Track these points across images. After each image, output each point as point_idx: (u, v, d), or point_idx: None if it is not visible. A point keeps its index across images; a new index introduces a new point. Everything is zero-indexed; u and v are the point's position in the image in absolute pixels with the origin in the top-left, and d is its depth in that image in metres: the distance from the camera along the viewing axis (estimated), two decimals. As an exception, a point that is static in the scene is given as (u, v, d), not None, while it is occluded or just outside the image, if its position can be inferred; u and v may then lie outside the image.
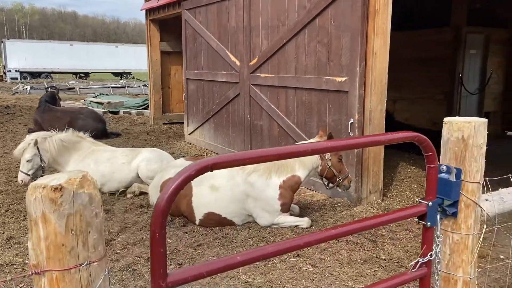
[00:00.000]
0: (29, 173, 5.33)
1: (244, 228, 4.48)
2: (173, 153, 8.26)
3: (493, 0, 9.55)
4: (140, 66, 37.93)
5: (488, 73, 9.56)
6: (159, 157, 5.70)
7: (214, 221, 4.48)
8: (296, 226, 4.50)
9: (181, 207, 4.59)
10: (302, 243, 1.47)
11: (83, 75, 39.40)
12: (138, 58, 38.03)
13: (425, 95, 9.69)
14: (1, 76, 36.64)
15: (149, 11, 10.70)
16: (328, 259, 3.81)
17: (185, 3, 8.67)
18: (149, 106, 11.81)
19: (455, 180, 1.71)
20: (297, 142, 5.87)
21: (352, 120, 5.05)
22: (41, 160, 5.38)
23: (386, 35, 4.88)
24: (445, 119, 1.78)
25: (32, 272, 1.12)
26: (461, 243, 1.77)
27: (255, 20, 6.60)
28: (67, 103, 17.88)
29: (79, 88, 26.66)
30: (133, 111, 14.00)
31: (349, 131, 5.09)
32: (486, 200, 1.87)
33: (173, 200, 1.12)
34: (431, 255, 1.73)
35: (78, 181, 1.12)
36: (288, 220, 4.50)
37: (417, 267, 1.71)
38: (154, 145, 9.05)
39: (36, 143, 5.34)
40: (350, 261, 3.77)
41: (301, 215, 4.87)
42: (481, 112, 9.74)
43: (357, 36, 4.85)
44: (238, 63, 7.12)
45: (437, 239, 1.76)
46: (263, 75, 6.53)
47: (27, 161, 5.31)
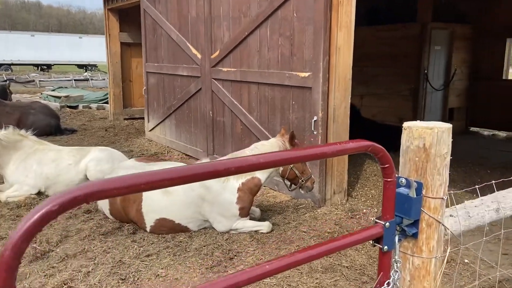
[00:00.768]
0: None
1: (199, 235, 4.17)
2: (131, 151, 7.82)
3: (458, -4, 9.59)
4: (106, 58, 36.54)
5: (453, 69, 9.59)
6: (110, 156, 5.28)
7: (167, 227, 4.14)
8: (256, 231, 4.22)
9: (130, 213, 4.22)
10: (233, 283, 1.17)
11: (45, 67, 37.64)
12: (104, 50, 36.64)
13: (391, 90, 9.63)
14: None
15: (107, 0, 10.11)
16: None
17: (144, -9, 8.19)
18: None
19: (415, 196, 1.46)
20: (260, 141, 5.59)
21: (315, 118, 4.81)
22: (-23, 162, 4.86)
23: (350, 29, 4.65)
24: (405, 124, 1.52)
25: None
26: (422, 268, 1.53)
27: (216, 10, 6.24)
28: (23, 97, 16.92)
29: (40, 80, 25.41)
30: (94, 105, 13.33)
31: (313, 129, 4.85)
32: (450, 216, 1.64)
33: (24, 248, 0.79)
34: (388, 283, 1.47)
35: None
36: (248, 225, 4.22)
37: (372, 298, 1.46)
38: (112, 142, 8.57)
39: (-31, 142, 4.81)
40: (310, 269, 3.53)
41: (262, 218, 4.60)
42: (445, 108, 9.79)
43: (320, 29, 4.59)
44: (199, 56, 6.75)
45: (395, 264, 1.51)
46: (225, 69, 6.19)
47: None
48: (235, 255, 3.74)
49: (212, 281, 1.13)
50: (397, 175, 1.54)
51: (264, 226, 4.23)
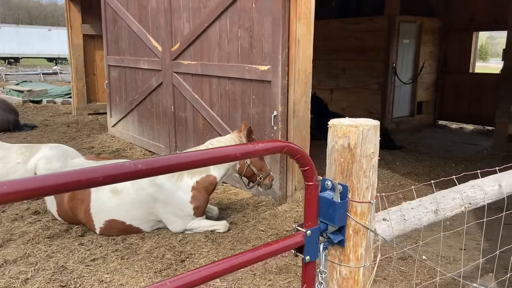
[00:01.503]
0: None
1: (152, 236, 3.97)
2: (92, 147, 7.51)
3: (425, -10, 9.61)
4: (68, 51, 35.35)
5: (421, 62, 9.63)
6: (62, 154, 5.00)
7: (117, 229, 3.93)
8: (212, 231, 4.06)
9: (78, 215, 3.98)
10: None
11: (12, 60, 36.20)
12: (74, 43, 35.42)
13: (360, 84, 9.60)
14: None
15: (68, -10, 9.66)
16: (241, 269, 3.41)
17: (104, -19, 7.83)
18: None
19: (339, 200, 1.32)
20: (221, 135, 5.41)
21: (275, 113, 4.66)
22: None
23: (309, 21, 4.51)
24: (330, 121, 1.38)
25: None
26: (350, 278, 1.40)
27: (175, 1, 5.99)
28: (-16, 91, 16.15)
29: (6, 74, 24.38)
30: (58, 100, 12.82)
31: (273, 124, 4.70)
32: (383, 220, 1.51)
33: None
34: (312, 297, 1.33)
35: None
36: (203, 224, 4.05)
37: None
38: (73, 138, 8.22)
39: None
40: (265, 270, 3.40)
41: (220, 217, 4.44)
42: (414, 102, 9.83)
43: (279, 20, 4.43)
44: (160, 48, 6.49)
45: (320, 275, 1.37)
46: (185, 62, 5.97)
47: None
48: (187, 257, 3.56)
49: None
50: (322, 178, 1.40)
51: (221, 226, 4.07)
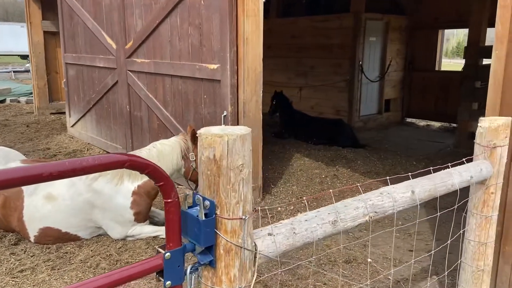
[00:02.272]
0: None
1: (90, 243, 3.79)
2: (48, 148, 7.24)
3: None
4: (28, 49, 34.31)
5: (388, 60, 9.63)
6: (2, 157, 4.75)
7: (53, 237, 3.73)
8: (155, 237, 3.90)
9: (12, 223, 3.77)
10: None
11: (-16, 57, 35.03)
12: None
13: (328, 82, 9.55)
14: None
15: (26, -15, 9.30)
16: None
17: (60, -25, 7.54)
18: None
19: (203, 218, 1.19)
20: (175, 136, 5.24)
21: (225, 113, 4.53)
22: None
23: (258, 18, 4.38)
24: (199, 131, 1.25)
25: None
26: (224, 302, 1.27)
27: (128, -3, 5.79)
28: None
29: (-27, 72, 23.54)
30: (23, 98, 12.39)
31: (223, 125, 4.56)
32: (268, 235, 1.39)
33: None
34: (178, 325, 1.20)
35: None
36: (146, 230, 3.89)
37: None
38: (31, 139, 7.92)
39: None
40: None
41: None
42: (381, 99, 9.83)
43: (226, 18, 4.29)
44: (114, 46, 6.27)
45: (187, 301, 1.24)
46: (139, 60, 5.77)
47: None
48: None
49: None
50: (195, 192, 1.27)
51: (164, 231, 3.91)
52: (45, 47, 10.02)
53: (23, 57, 38.28)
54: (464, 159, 2.21)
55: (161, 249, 1.21)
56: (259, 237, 1.37)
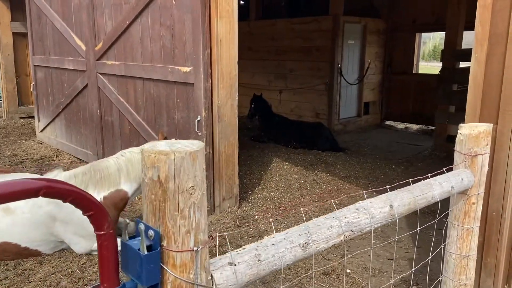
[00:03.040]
0: None
1: (52, 259, 3.53)
2: (15, 155, 6.88)
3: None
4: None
5: (367, 63, 9.60)
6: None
7: (12, 253, 3.46)
8: (124, 250, 3.66)
9: (-35, 238, 3.48)
10: None
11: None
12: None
13: (307, 85, 9.45)
14: None
15: (-8, -17, 8.87)
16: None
17: (27, -26, 7.20)
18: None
19: (145, 252, 1.01)
20: (147, 142, 5.02)
21: (199, 118, 4.33)
22: None
23: (232, 19, 4.21)
24: (141, 147, 1.06)
25: None
26: None
27: (97, -4, 5.53)
28: None
29: None
30: (-9, 103, 11.87)
31: (197, 130, 4.37)
32: (229, 264, 1.21)
33: None
34: None
35: None
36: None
37: None
38: (-3, 145, 7.52)
39: None
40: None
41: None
42: (360, 102, 9.80)
43: (198, 18, 4.10)
44: (83, 47, 5.99)
45: None
46: (109, 62, 5.52)
47: None
48: (85, 284, 3.17)
49: None
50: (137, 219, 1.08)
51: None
52: (15, 48, 9.60)
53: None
54: (445, 168, 2.08)
55: (95, 289, 1.02)
56: (217, 267, 1.19)
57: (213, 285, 1.13)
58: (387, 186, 1.90)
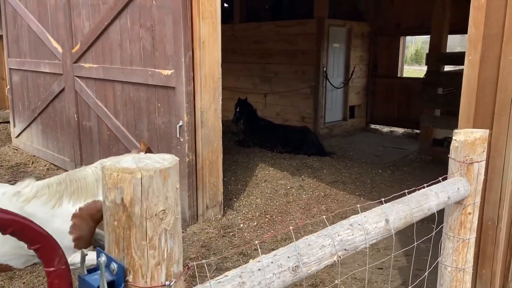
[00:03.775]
0: None
1: (24, 274, 3.31)
2: (-12, 162, 6.57)
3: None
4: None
5: (352, 67, 9.55)
6: None
7: (-22, 269, 3.22)
8: (101, 264, 3.45)
9: None
10: None
11: None
12: None
13: (293, 88, 9.35)
14: None
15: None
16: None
17: (2, -27, 6.91)
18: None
19: (106, 289, 0.84)
20: (127, 149, 4.82)
21: (181, 123, 4.15)
22: None
23: (215, 20, 4.06)
24: (101, 160, 0.89)
25: None
26: None
27: (74, -4, 5.31)
28: None
29: None
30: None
31: (179, 135, 4.19)
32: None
33: None
34: None
35: None
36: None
37: None
38: (-31, 152, 7.18)
39: None
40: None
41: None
42: (346, 106, 9.74)
43: (180, 19, 3.94)
44: (60, 50, 5.75)
45: None
46: (87, 65, 5.30)
47: None
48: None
49: None
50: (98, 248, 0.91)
51: (111, 257, 3.48)
52: (-11, 51, 9.24)
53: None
54: (441, 177, 1.96)
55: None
56: (196, 300, 1.03)
57: (189, 323, 0.97)
58: (382, 197, 1.78)
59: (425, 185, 1.87)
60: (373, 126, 10.52)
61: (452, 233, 2.13)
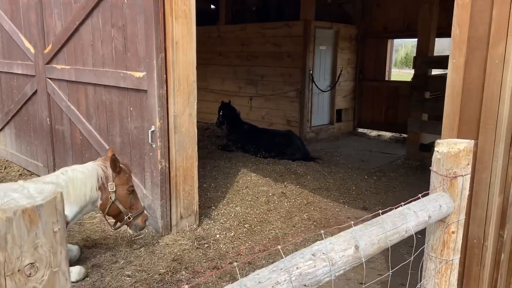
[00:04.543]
0: None
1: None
2: (-43, 168, 6.25)
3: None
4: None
5: (339, 70, 9.40)
6: None
7: None
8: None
9: None
10: None
11: None
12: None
13: (278, 92, 9.16)
14: None
15: None
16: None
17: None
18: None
19: None
20: (99, 154, 4.56)
21: (153, 128, 3.92)
22: None
23: (189, 20, 3.84)
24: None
25: None
26: None
27: (45, -6, 5.05)
28: None
29: None
30: None
31: (151, 141, 3.96)
32: None
33: None
34: None
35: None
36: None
37: None
38: None
39: None
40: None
41: (83, 258, 3.60)
42: (333, 109, 9.58)
43: (151, 19, 3.71)
44: (32, 50, 5.47)
45: None
46: (59, 66, 5.04)
47: None
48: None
49: None
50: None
51: (73, 273, 3.23)
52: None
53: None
54: (420, 194, 1.76)
55: None
56: None
57: None
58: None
59: (402, 203, 1.66)
60: (360, 130, 10.37)
61: (434, 254, 1.94)
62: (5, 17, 5.98)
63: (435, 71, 7.85)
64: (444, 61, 7.84)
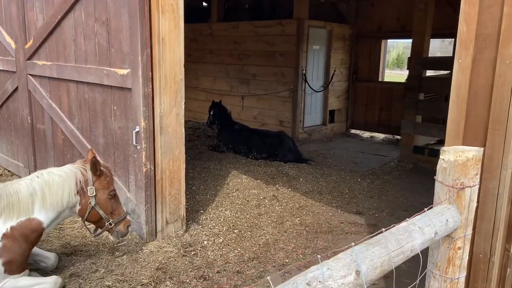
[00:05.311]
0: None
1: None
2: None
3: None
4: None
5: (332, 70, 9.24)
6: None
7: None
8: (37, 291, 2.99)
9: None
10: None
11: None
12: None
13: (271, 91, 8.98)
14: None
15: None
16: None
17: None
18: None
19: None
20: (81, 155, 4.34)
21: (137, 129, 3.71)
22: None
23: (177, 15, 3.64)
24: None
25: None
26: None
27: (26, -14, 4.81)
28: None
29: None
30: None
31: (135, 143, 3.75)
32: None
33: None
34: None
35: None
36: (21, 284, 2.96)
37: None
38: None
39: None
40: None
41: (61, 266, 3.38)
42: (326, 110, 9.43)
43: (136, 13, 3.50)
44: (13, 45, 5.23)
45: None
46: (40, 62, 4.80)
47: None
48: None
49: None
50: None
51: (49, 284, 3.01)
52: None
53: None
54: (426, 208, 1.59)
55: None
56: None
57: None
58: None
59: (407, 219, 1.49)
60: (353, 131, 10.23)
61: (438, 272, 1.77)
62: (-15, 10, 5.71)
63: (429, 73, 7.74)
64: (439, 63, 7.71)
